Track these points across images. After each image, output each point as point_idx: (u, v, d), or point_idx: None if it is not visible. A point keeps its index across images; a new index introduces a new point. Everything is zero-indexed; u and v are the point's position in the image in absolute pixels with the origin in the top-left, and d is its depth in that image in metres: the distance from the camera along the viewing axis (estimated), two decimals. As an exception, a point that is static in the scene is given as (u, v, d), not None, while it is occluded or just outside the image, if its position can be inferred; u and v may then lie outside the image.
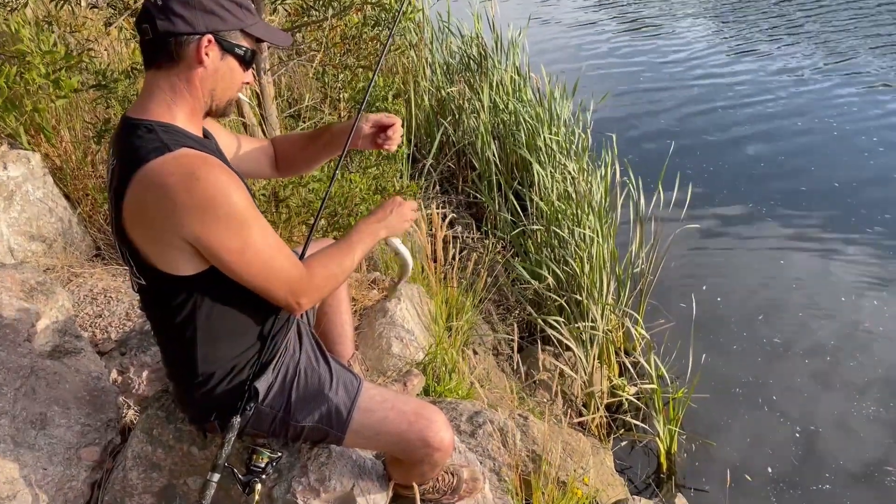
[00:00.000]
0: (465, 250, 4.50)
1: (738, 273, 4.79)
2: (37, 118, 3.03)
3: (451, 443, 1.64)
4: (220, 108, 1.46)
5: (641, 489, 3.29)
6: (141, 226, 1.32)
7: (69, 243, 3.00)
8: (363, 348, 2.89)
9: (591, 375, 3.54)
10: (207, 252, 1.32)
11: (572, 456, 2.79)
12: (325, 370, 1.64)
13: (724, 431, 3.55)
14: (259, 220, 1.36)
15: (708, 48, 9.67)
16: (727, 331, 4.21)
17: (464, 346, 3.29)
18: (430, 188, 5.13)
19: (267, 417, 1.56)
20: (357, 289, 3.19)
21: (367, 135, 1.78)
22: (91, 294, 2.66)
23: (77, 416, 1.91)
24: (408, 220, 1.69)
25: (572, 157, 4.90)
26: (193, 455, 1.79)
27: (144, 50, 1.38)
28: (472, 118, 5.54)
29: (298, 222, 3.11)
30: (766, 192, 5.70)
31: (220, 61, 1.39)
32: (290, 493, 1.69)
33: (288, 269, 1.41)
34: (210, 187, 1.28)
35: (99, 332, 2.51)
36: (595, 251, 3.98)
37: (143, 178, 1.28)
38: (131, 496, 1.80)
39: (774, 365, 3.95)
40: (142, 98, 1.40)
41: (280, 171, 1.89)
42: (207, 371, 1.48)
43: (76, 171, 3.24)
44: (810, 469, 3.34)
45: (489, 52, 5.86)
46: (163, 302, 1.43)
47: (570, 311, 3.88)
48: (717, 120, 7.18)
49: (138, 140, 1.32)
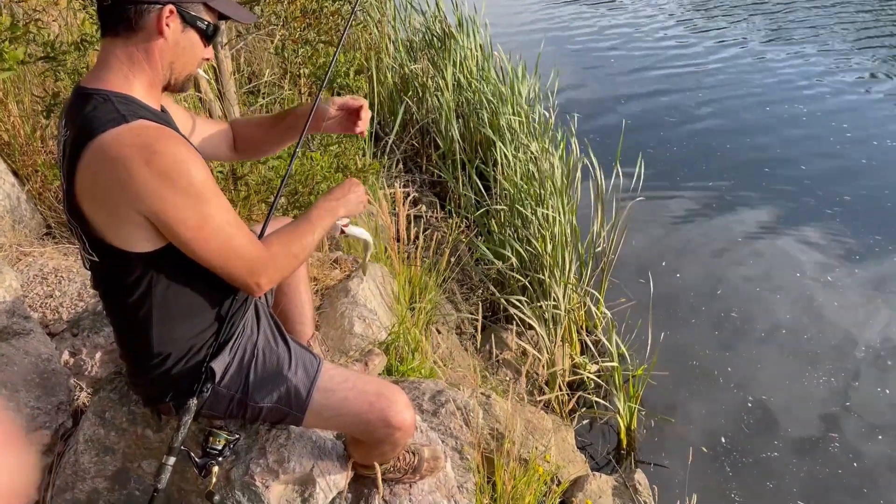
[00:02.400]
0: (429, 229, 4.48)
1: (696, 250, 4.88)
2: (-20, 91, 2.91)
3: (413, 422, 1.63)
4: (178, 82, 1.41)
5: (602, 465, 3.34)
6: (95, 199, 1.27)
7: (17, 221, 2.90)
8: (325, 328, 2.86)
9: (554, 354, 3.57)
10: (164, 227, 1.27)
11: (534, 434, 2.81)
12: (284, 350, 1.61)
13: (682, 407, 3.62)
14: (219, 197, 1.32)
15: (672, 26, 9.76)
16: (686, 307, 4.29)
17: (427, 326, 3.28)
18: (394, 167, 5.08)
19: (224, 399, 1.53)
20: (319, 268, 3.15)
21: (333, 118, 1.74)
22: (41, 274, 2.58)
23: (26, 398, 1.86)
24: (362, 202, 1.67)
25: (535, 136, 4.90)
26: (148, 438, 1.75)
27: (102, 15, 1.32)
28: (435, 96, 5.50)
29: (258, 200, 3.05)
30: (726, 171, 5.81)
31: (181, 34, 1.34)
32: (248, 475, 1.67)
33: (247, 248, 1.37)
34: (168, 160, 1.23)
35: (49, 313, 2.43)
36: (557, 230, 4.00)
37: (97, 149, 1.22)
38: (84, 480, 1.76)
39: (731, 339, 4.05)
40: (97, 67, 1.34)
41: (238, 153, 1.84)
42: (163, 351, 1.44)
43: (25, 146, 3.12)
44: (761, 438, 3.45)
45: (453, 29, 5.81)
46: (116, 280, 1.38)
47: (533, 290, 3.90)
48: (678, 98, 7.28)
49: (93, 110, 1.26)
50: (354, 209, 1.64)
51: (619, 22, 10.06)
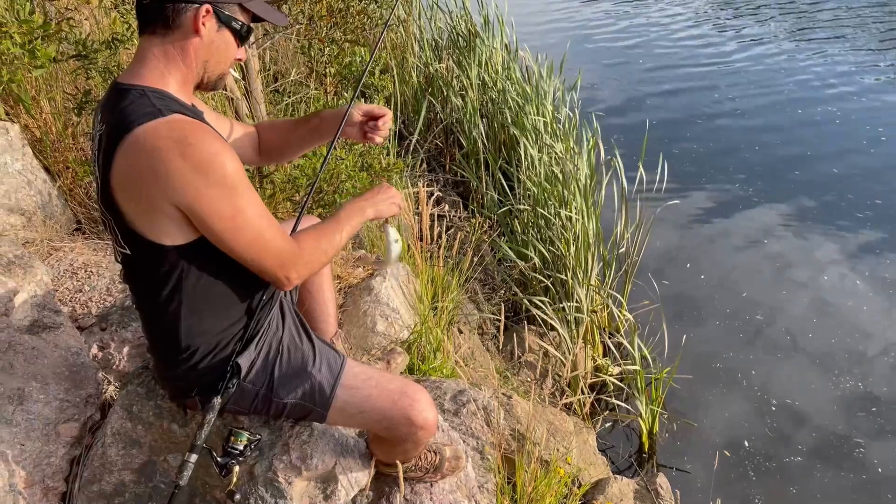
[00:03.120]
0: (452, 229, 4.49)
1: (721, 252, 4.83)
2: (14, 89, 2.96)
3: (435, 421, 1.63)
4: (211, 80, 1.44)
5: (623, 468, 3.32)
6: (129, 191, 1.29)
7: (49, 217, 2.95)
8: (348, 326, 2.87)
9: (576, 356, 3.55)
10: (197, 219, 1.29)
11: (555, 435, 2.80)
12: (309, 347, 1.63)
13: (704, 410, 3.59)
14: (250, 190, 1.34)
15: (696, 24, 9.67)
16: (709, 310, 4.25)
17: (449, 325, 3.28)
18: (417, 166, 5.09)
19: (249, 394, 1.54)
20: (342, 266, 3.17)
21: (356, 124, 1.76)
22: (71, 268, 2.62)
23: (56, 391, 1.89)
24: (395, 204, 1.68)
25: (559, 136, 4.88)
26: (174, 432, 1.77)
27: (140, 13, 1.35)
28: (459, 96, 5.50)
29: (283, 198, 3.08)
30: (752, 172, 5.74)
31: (216, 33, 1.37)
32: (271, 471, 1.68)
33: (278, 242, 1.39)
34: (203, 152, 1.25)
35: (79, 307, 2.47)
36: (580, 231, 3.98)
37: (134, 142, 1.25)
38: (111, 472, 1.79)
39: (755, 342, 4.01)
40: (134, 64, 1.37)
41: (263, 157, 1.86)
42: (191, 345, 1.46)
43: (56, 143, 3.18)
44: (785, 442, 3.41)
45: (478, 28, 5.81)
46: (147, 273, 1.40)
47: (556, 291, 3.89)
48: (703, 98, 7.21)
49: (130, 105, 1.29)
50: (385, 210, 1.66)
51: (643, 20, 9.99)
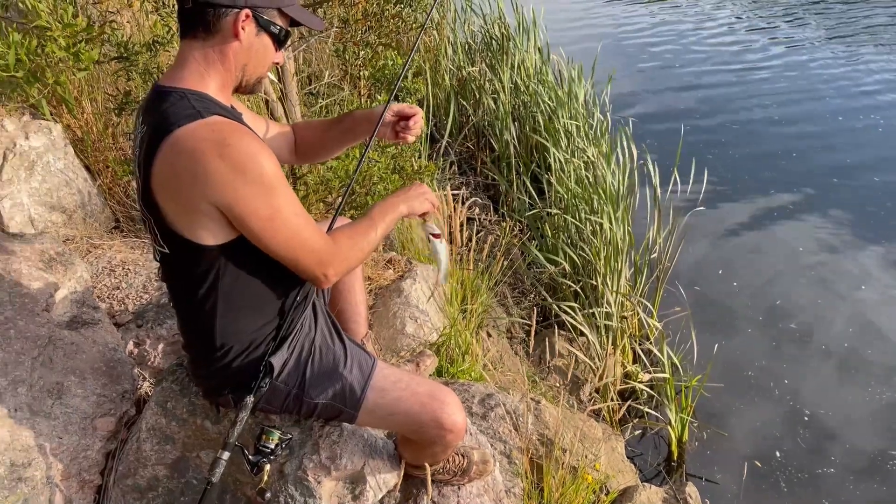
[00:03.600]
0: (482, 232, 4.49)
1: (754, 260, 4.75)
2: (59, 90, 3.04)
3: (464, 425, 1.64)
4: (249, 84, 1.47)
5: (651, 477, 3.29)
6: (170, 191, 1.32)
7: (88, 215, 3.01)
8: (377, 327, 2.89)
9: (605, 362, 3.53)
10: (236, 218, 1.32)
11: (584, 441, 2.78)
12: (340, 348, 1.64)
13: (735, 420, 3.53)
14: (288, 189, 1.36)
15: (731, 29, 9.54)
16: (742, 318, 4.19)
17: (478, 329, 3.28)
18: (448, 169, 5.10)
19: (281, 394, 1.57)
20: (373, 268, 3.19)
21: (388, 123, 1.78)
22: (109, 266, 2.68)
23: (93, 386, 1.93)
24: (428, 201, 1.69)
25: (591, 140, 4.85)
26: (207, 429, 1.80)
27: (182, 18, 1.39)
28: (491, 99, 5.50)
29: (316, 200, 3.11)
30: (789, 179, 5.64)
31: (255, 37, 1.40)
32: (301, 470, 1.70)
33: (315, 240, 1.41)
34: (241, 153, 1.28)
35: (116, 304, 2.52)
36: (611, 237, 3.95)
37: (174, 142, 1.28)
38: (145, 467, 1.82)
39: (788, 352, 3.94)
40: (175, 67, 1.40)
41: (298, 157, 1.89)
42: (225, 344, 1.49)
43: (97, 142, 3.25)
44: (818, 454, 3.35)
45: (511, 32, 5.80)
46: (185, 271, 1.43)
47: (585, 296, 3.86)
48: (739, 103, 7.11)
49: (170, 106, 1.32)
50: (418, 207, 1.67)
51: (676, 23, 9.89)
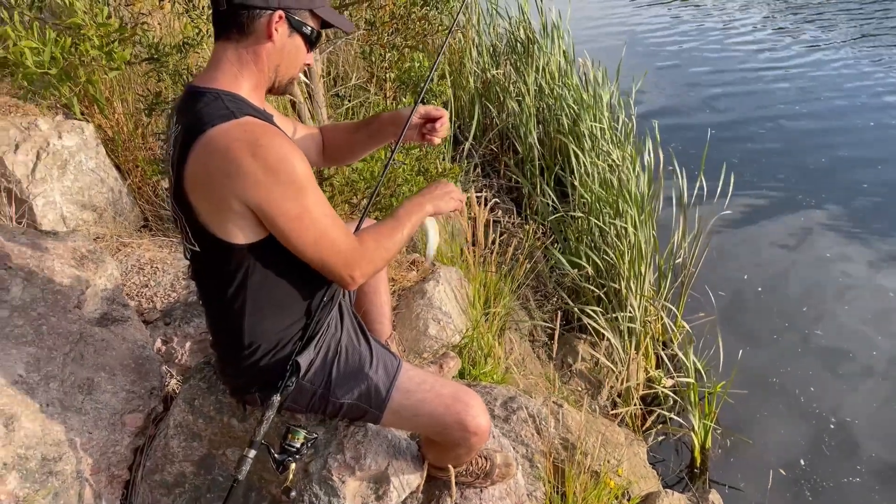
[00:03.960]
0: (505, 235, 4.49)
1: (781, 266, 4.70)
2: (90, 89, 3.09)
3: (488, 427, 1.64)
4: (281, 85, 1.49)
5: (673, 483, 3.26)
6: (202, 189, 1.34)
7: (118, 213, 3.06)
8: (400, 329, 2.90)
9: (628, 366, 3.51)
10: (266, 218, 1.34)
11: (606, 446, 2.77)
12: (366, 349, 1.66)
13: (760, 427, 3.50)
14: (317, 190, 1.38)
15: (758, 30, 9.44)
16: (767, 324, 4.15)
17: (500, 332, 3.28)
18: (472, 171, 5.11)
19: (307, 393, 1.58)
20: (396, 270, 3.20)
21: (414, 125, 1.78)
22: (138, 264, 2.72)
23: (122, 382, 1.96)
24: (454, 199, 1.69)
25: (615, 143, 4.83)
26: (233, 427, 1.82)
27: (216, 20, 1.41)
28: (516, 101, 5.49)
29: (342, 201, 3.13)
30: (817, 183, 5.57)
31: (288, 38, 1.42)
32: (325, 469, 1.71)
33: (343, 241, 1.42)
34: (272, 153, 1.30)
35: (145, 302, 2.56)
36: (636, 241, 3.93)
37: (208, 142, 1.30)
38: (172, 463, 1.85)
39: (814, 359, 3.89)
40: (209, 68, 1.43)
41: (326, 159, 1.91)
42: (253, 343, 1.51)
43: (127, 142, 3.30)
44: (843, 462, 3.31)
45: (536, 35, 5.79)
46: (215, 270, 1.45)
47: (609, 300, 3.85)
48: (766, 105, 7.04)
49: (204, 107, 1.34)
50: (444, 206, 1.67)
51: (700, 24, 9.81)
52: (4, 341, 1.79)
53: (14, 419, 1.64)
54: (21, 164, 2.80)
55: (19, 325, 1.85)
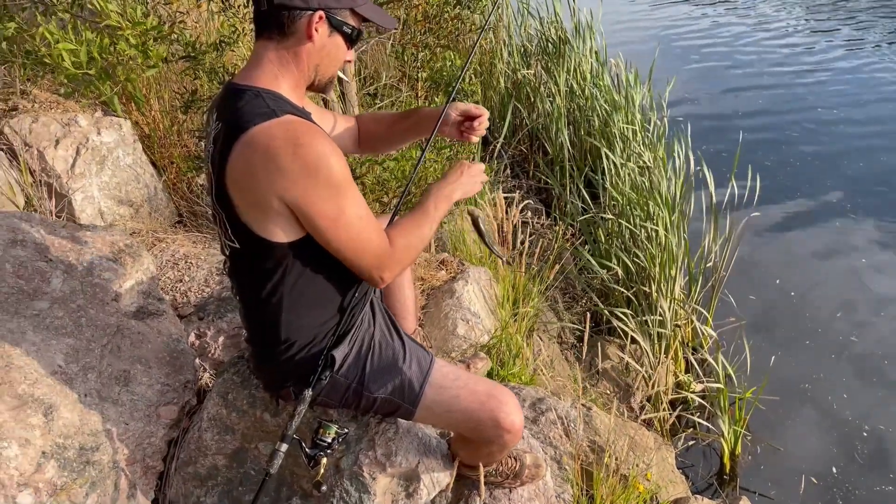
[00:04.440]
0: (534, 236, 4.47)
1: (814, 270, 4.62)
2: (129, 87, 3.14)
3: (521, 426, 1.64)
4: (321, 83, 1.50)
5: (702, 489, 3.23)
6: (243, 186, 1.36)
7: (154, 209, 3.11)
8: (429, 328, 2.91)
9: (657, 370, 3.48)
10: (304, 217, 1.35)
11: (635, 450, 2.75)
12: (399, 344, 1.66)
13: (791, 435, 3.44)
14: (354, 191, 1.39)
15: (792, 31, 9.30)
16: (800, 329, 4.08)
17: (529, 333, 3.27)
18: (501, 171, 5.10)
19: (341, 387, 1.59)
20: (425, 268, 3.21)
21: (453, 123, 1.79)
22: (173, 259, 2.76)
23: (157, 375, 1.99)
24: (479, 181, 1.69)
25: (647, 145, 4.79)
26: (266, 421, 1.84)
27: (257, 20, 1.43)
28: (546, 102, 5.47)
29: (372, 199, 3.15)
30: (852, 187, 5.47)
31: (328, 38, 1.43)
32: (356, 465, 1.73)
33: (376, 243, 1.43)
34: (313, 153, 1.31)
35: (179, 296, 2.60)
36: (666, 244, 3.89)
37: (249, 140, 1.31)
38: (205, 456, 1.87)
39: (848, 365, 3.82)
40: (249, 66, 1.44)
41: (361, 148, 1.92)
42: (289, 338, 1.52)
43: (163, 139, 3.35)
44: (876, 471, 3.24)
45: (568, 35, 5.77)
46: (253, 267, 1.47)
47: (638, 303, 3.81)
48: (800, 107, 6.92)
49: (245, 105, 1.36)
50: (471, 190, 1.67)
51: (733, 25, 9.68)
52: (45, 332, 1.83)
53: (53, 409, 1.68)
54: (61, 160, 2.86)
55: (59, 317, 1.89)
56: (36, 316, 1.85)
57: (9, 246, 1.96)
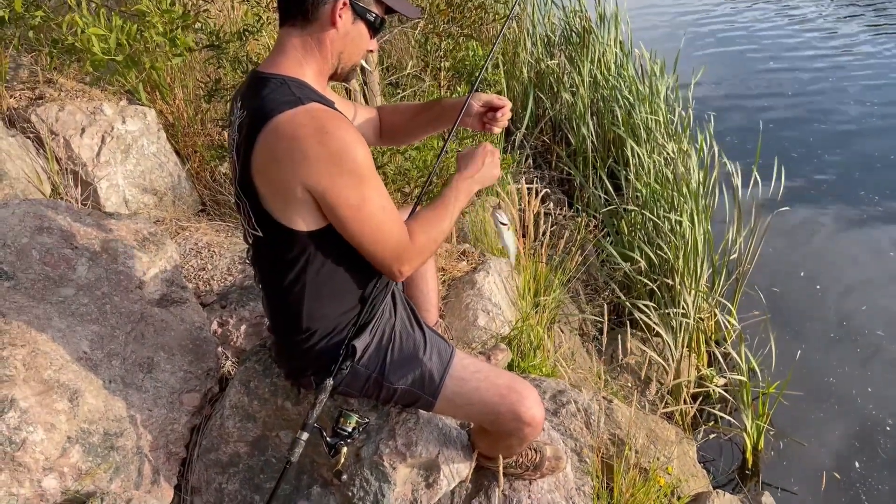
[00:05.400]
0: (556, 227, 4.45)
1: (839, 264, 4.56)
2: (154, 75, 3.16)
3: (542, 419, 1.63)
4: (345, 71, 1.50)
5: (724, 483, 3.20)
6: (268, 175, 1.36)
7: (178, 198, 3.13)
8: (450, 318, 2.91)
9: (679, 364, 3.45)
10: (326, 205, 1.35)
11: (656, 443, 2.73)
12: (420, 335, 1.66)
13: (815, 430, 3.40)
14: (377, 181, 1.39)
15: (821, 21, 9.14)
16: (825, 323, 4.03)
17: (550, 324, 3.26)
18: (523, 162, 5.07)
19: (361, 377, 1.59)
20: (446, 259, 3.20)
21: (475, 114, 1.77)
22: (196, 248, 2.78)
23: (180, 362, 2.01)
24: (497, 168, 1.68)
25: (672, 137, 4.73)
26: (287, 409, 1.85)
27: (281, 7, 1.43)
28: (570, 93, 5.43)
29: (394, 189, 3.14)
30: (878, 181, 5.37)
31: (352, 25, 1.43)
32: (377, 455, 1.73)
33: (396, 236, 1.43)
34: (339, 141, 1.31)
35: (202, 285, 2.61)
36: (690, 236, 3.85)
37: (275, 128, 1.31)
38: (227, 443, 1.89)
39: (873, 359, 3.77)
40: (273, 54, 1.44)
41: (383, 139, 1.92)
42: (311, 327, 1.52)
43: (187, 128, 3.37)
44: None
45: (592, 25, 5.71)
46: (277, 256, 1.47)
47: (661, 296, 3.78)
48: (827, 99, 6.81)
49: (271, 93, 1.36)
50: (490, 179, 1.66)
51: (761, 14, 9.53)
52: (70, 318, 1.85)
53: (78, 394, 1.70)
54: (87, 148, 2.89)
55: (84, 304, 1.91)
56: (61, 302, 1.87)
57: (35, 233, 1.98)
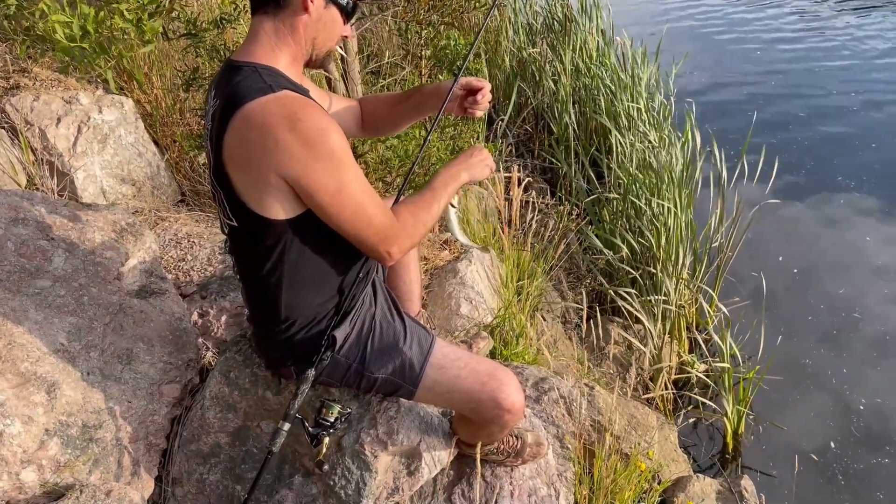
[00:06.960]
0: (539, 215, 4.45)
1: (819, 250, 4.61)
2: (126, 63, 3.11)
3: (522, 406, 1.63)
4: (319, 57, 1.49)
5: (705, 468, 3.23)
6: (240, 164, 1.35)
7: (156, 188, 3.10)
8: (432, 307, 2.91)
9: (661, 350, 3.48)
10: (304, 192, 1.34)
11: (637, 429, 2.76)
12: (400, 324, 1.66)
13: (794, 414, 3.45)
14: (355, 166, 1.38)
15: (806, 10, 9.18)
16: (804, 309, 4.08)
17: (533, 312, 3.27)
18: (505, 150, 5.07)
19: (342, 367, 1.59)
20: (429, 248, 3.20)
21: (455, 98, 1.77)
22: (175, 238, 2.76)
23: (160, 353, 1.99)
24: (488, 166, 1.68)
25: (653, 124, 4.75)
26: (268, 399, 1.84)
27: None
28: (552, 81, 5.43)
29: (375, 179, 3.13)
30: (859, 170, 5.43)
31: (324, 10, 1.42)
32: (358, 444, 1.73)
33: (380, 217, 1.42)
34: (311, 127, 1.30)
35: (182, 275, 2.60)
36: (672, 223, 3.87)
37: (246, 116, 1.30)
38: (208, 433, 1.88)
39: (849, 341, 3.84)
40: (246, 42, 1.43)
41: (366, 131, 1.90)
42: (289, 317, 1.52)
43: (165, 117, 3.33)
44: (873, 443, 3.27)
45: (574, 13, 5.70)
46: (253, 245, 1.46)
47: (643, 283, 3.80)
48: (812, 90, 6.85)
49: (242, 80, 1.35)
50: (479, 174, 1.66)
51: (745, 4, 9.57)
52: (47, 310, 1.83)
53: (56, 387, 1.68)
54: (63, 138, 2.85)
55: (61, 295, 1.89)
56: (38, 294, 1.85)
57: (10, 224, 1.95)
